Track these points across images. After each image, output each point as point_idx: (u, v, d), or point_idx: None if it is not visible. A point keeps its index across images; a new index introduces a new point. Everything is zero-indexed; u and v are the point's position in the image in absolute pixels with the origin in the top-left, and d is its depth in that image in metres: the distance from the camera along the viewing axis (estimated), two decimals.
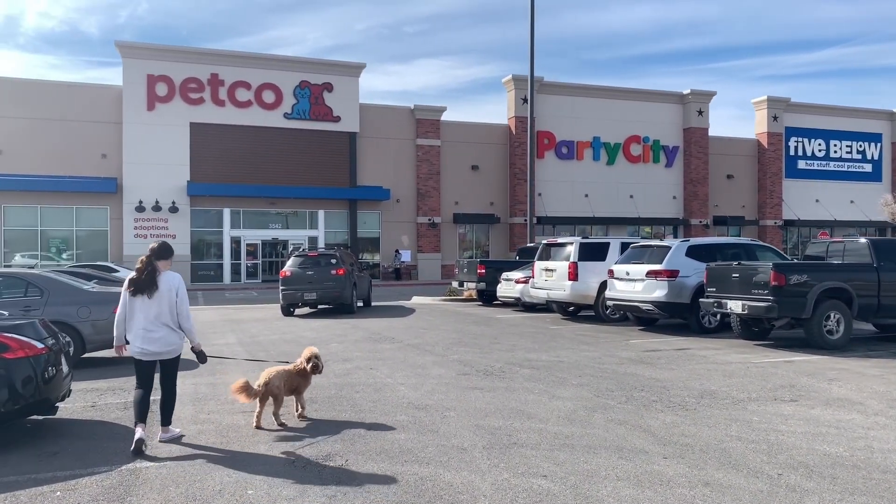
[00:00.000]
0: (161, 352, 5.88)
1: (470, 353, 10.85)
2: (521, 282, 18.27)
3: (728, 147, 44.27)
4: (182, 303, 5.93)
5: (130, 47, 32.61)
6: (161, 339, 5.85)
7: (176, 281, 5.96)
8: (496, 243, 39.21)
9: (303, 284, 18.00)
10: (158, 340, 5.84)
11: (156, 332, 5.83)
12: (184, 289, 6.04)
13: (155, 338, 5.83)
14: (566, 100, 39.65)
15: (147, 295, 5.83)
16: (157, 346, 5.85)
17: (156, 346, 5.84)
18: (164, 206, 32.40)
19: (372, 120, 36.40)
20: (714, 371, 9.07)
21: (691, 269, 13.14)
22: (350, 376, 8.94)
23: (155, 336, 5.83)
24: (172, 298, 5.88)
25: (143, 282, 5.86)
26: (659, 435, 5.89)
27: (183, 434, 6.11)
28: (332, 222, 36.25)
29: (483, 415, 6.68)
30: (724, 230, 43.36)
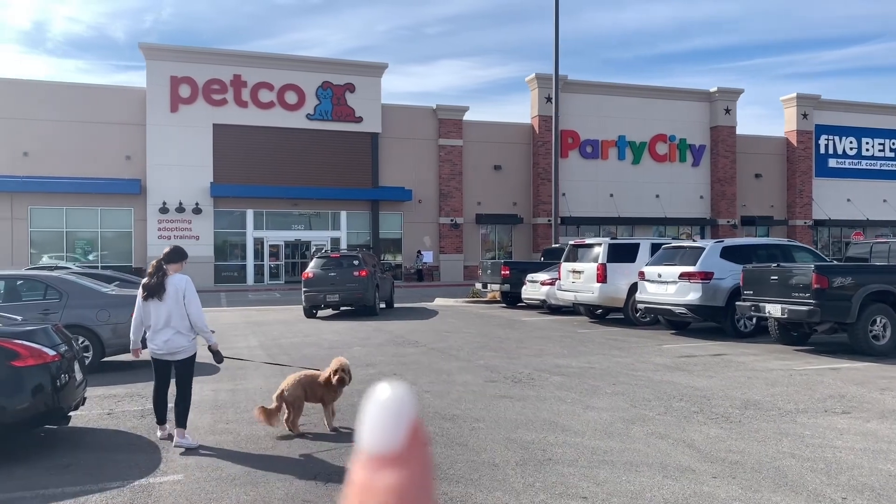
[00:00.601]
0: (171, 353, 6.01)
1: (496, 358, 10.49)
2: (546, 283, 17.85)
3: (756, 146, 43.34)
4: (190, 303, 6.01)
5: (154, 49, 32.71)
6: (169, 342, 5.97)
7: (182, 282, 6.05)
8: (519, 244, 38.75)
9: (325, 286, 17.77)
10: (167, 342, 5.98)
11: (165, 335, 5.98)
12: (191, 290, 6.09)
13: (164, 340, 5.98)
14: (590, 98, 39.07)
15: (157, 298, 5.99)
16: (167, 348, 5.99)
17: (165, 347, 5.99)
18: (188, 207, 32.43)
19: (394, 120, 36.16)
20: (755, 379, 8.61)
21: (726, 270, 12.65)
22: (373, 382, 8.56)
23: (164, 338, 5.98)
24: (180, 300, 5.99)
25: (152, 285, 6.03)
26: (704, 450, 5.49)
27: (200, 445, 5.90)
28: (354, 223, 36.07)
29: (514, 426, 6.32)
30: (752, 230, 42.43)
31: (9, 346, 5.49)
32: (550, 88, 37.06)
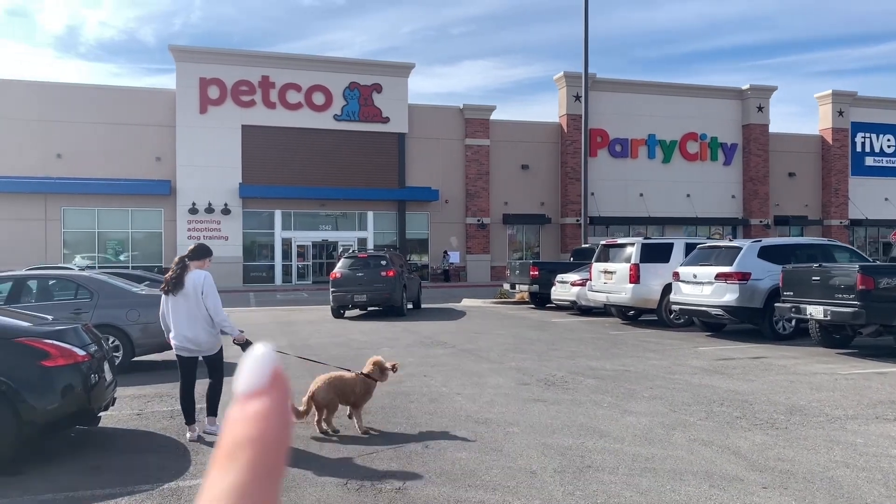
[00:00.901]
0: (195, 349, 6.08)
1: (528, 361, 10.28)
2: (577, 284, 17.57)
3: (790, 144, 42.44)
4: (208, 298, 6.02)
5: (184, 51, 33.02)
6: (193, 338, 6.03)
7: (200, 278, 6.06)
8: (547, 244, 38.40)
9: (353, 286, 17.70)
10: (191, 339, 6.04)
11: (187, 331, 6.02)
12: (209, 285, 6.09)
13: (188, 336, 6.03)
14: (619, 97, 38.58)
15: (174, 294, 6.04)
16: (190, 344, 6.05)
17: (189, 343, 6.04)
18: (217, 208, 32.68)
19: (420, 120, 36.07)
20: (798, 383, 8.30)
21: (764, 271, 12.29)
22: (403, 384, 8.49)
23: (186, 334, 6.03)
24: (199, 296, 6.01)
25: (170, 281, 6.09)
26: (751, 458, 5.24)
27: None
28: (380, 223, 36.05)
29: (550, 431, 6.12)
30: (785, 230, 41.55)
31: (39, 345, 5.45)
32: (578, 87, 36.68)
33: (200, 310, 6.02)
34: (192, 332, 6.01)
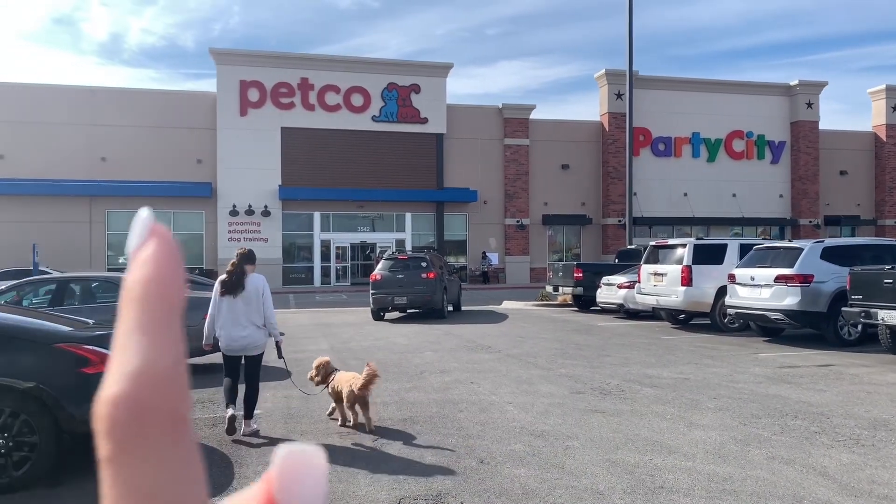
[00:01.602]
0: (246, 347, 6.36)
1: (578, 367, 9.84)
2: (624, 287, 17.01)
3: (840, 141, 40.98)
4: (267, 300, 6.46)
5: (224, 54, 33.27)
6: (247, 337, 6.32)
7: (261, 282, 6.49)
8: (587, 246, 37.71)
9: (393, 288, 17.44)
10: (244, 338, 6.31)
11: (242, 331, 6.31)
12: (268, 289, 6.58)
13: (241, 335, 6.31)
14: (662, 94, 37.69)
15: (233, 295, 6.33)
16: (242, 343, 6.32)
17: (241, 342, 6.32)
18: (257, 210, 32.83)
19: (459, 121, 35.74)
20: (876, 395, 7.71)
21: (828, 273, 11.63)
22: (450, 391, 8.14)
23: (241, 334, 6.30)
24: (259, 298, 6.38)
25: (231, 283, 6.36)
26: (842, 481, 4.75)
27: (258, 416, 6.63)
28: (419, 225, 35.82)
29: (613, 446, 5.70)
30: (836, 231, 40.12)
31: (79, 351, 5.24)
32: (620, 85, 35.95)
33: (258, 311, 6.37)
34: (247, 331, 6.33)
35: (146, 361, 0.31)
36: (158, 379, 0.31)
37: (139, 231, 0.35)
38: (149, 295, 0.32)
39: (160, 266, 0.33)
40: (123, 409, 0.31)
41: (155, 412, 0.31)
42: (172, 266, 0.34)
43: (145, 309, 0.32)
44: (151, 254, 0.33)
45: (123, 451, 0.30)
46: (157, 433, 0.31)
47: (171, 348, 0.32)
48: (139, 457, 0.30)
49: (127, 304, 0.33)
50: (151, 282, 0.33)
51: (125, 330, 0.32)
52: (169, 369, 0.31)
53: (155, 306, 0.32)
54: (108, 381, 0.32)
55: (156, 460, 0.31)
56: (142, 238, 0.34)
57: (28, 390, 4.99)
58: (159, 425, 0.31)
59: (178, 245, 0.34)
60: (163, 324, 0.32)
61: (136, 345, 0.32)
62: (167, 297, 0.33)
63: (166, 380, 0.31)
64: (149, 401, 0.31)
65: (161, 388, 0.31)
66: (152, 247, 0.34)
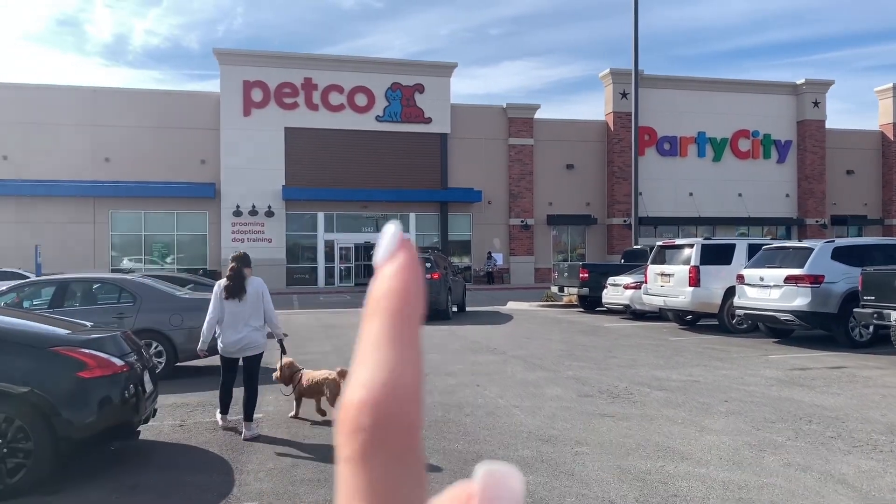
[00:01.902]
0: (245, 348, 6.45)
1: (586, 369, 9.68)
2: (630, 287, 16.84)
3: (847, 140, 40.69)
4: (268, 303, 6.61)
5: (227, 54, 33.17)
6: (246, 338, 6.40)
7: (261, 284, 6.63)
8: (592, 246, 37.51)
9: None
10: (243, 339, 6.40)
11: (241, 332, 6.39)
12: (267, 290, 6.70)
13: (240, 337, 6.39)
14: (667, 93, 37.46)
15: (238, 298, 6.41)
16: (241, 344, 6.41)
17: (241, 344, 6.41)
18: (261, 210, 32.73)
19: (463, 120, 35.58)
20: (891, 398, 7.54)
21: (838, 273, 11.45)
22: (455, 395, 7.99)
23: (240, 335, 6.39)
24: (259, 300, 6.51)
25: (234, 287, 6.45)
26: (862, 489, 4.59)
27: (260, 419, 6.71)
28: (422, 225, 35.67)
29: (623, 452, 5.54)
30: (843, 231, 39.85)
31: (76, 355, 5.11)
32: (625, 84, 35.76)
33: (258, 313, 6.51)
34: (249, 333, 6.44)
35: (391, 373, 0.33)
36: (401, 391, 0.33)
37: (387, 244, 0.36)
38: (394, 308, 0.34)
39: (406, 281, 0.35)
40: (368, 414, 0.33)
41: (396, 421, 0.33)
42: (417, 281, 0.35)
43: (392, 322, 0.34)
44: (398, 268, 0.35)
45: (364, 454, 0.33)
46: (395, 441, 0.33)
47: (414, 362, 0.34)
48: (378, 460, 0.33)
49: (373, 314, 0.34)
50: (398, 295, 0.34)
51: (371, 340, 0.34)
52: (411, 383, 0.34)
53: (400, 320, 0.34)
54: (354, 386, 0.34)
55: (392, 465, 0.33)
56: (389, 251, 0.35)
57: (22, 395, 4.86)
58: (398, 434, 0.33)
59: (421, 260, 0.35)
60: (407, 337, 0.34)
61: (383, 356, 0.34)
62: (412, 311, 0.34)
63: (408, 392, 0.33)
64: (391, 410, 0.33)
65: (403, 400, 0.33)
66: (399, 261, 0.35)
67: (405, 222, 35.38)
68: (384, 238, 0.36)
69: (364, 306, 0.35)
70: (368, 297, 0.35)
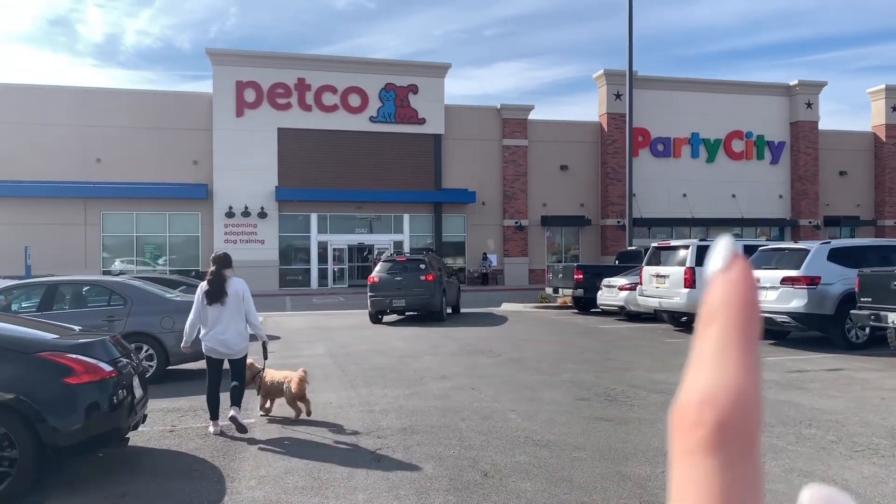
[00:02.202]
0: (227, 352, 6.52)
1: (582, 372, 9.60)
2: (625, 289, 16.78)
3: (840, 141, 40.81)
4: (249, 303, 6.60)
5: (220, 54, 32.99)
6: (230, 341, 6.47)
7: (241, 286, 6.62)
8: (586, 247, 37.48)
9: (391, 291, 17.19)
10: (227, 342, 6.46)
11: (226, 335, 6.45)
12: (248, 292, 6.67)
13: (225, 339, 6.45)
14: (661, 94, 37.48)
15: (220, 302, 6.46)
16: (226, 347, 6.48)
17: (225, 346, 6.47)
18: (253, 211, 32.56)
19: (457, 121, 35.49)
20: (890, 401, 7.48)
21: (835, 275, 11.41)
22: (451, 398, 7.89)
23: (225, 338, 6.45)
24: (240, 302, 6.52)
25: (215, 291, 6.48)
26: (867, 496, 4.51)
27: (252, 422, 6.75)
28: (417, 226, 35.56)
29: (622, 457, 5.45)
30: (836, 231, 39.95)
31: (62, 360, 4.98)
32: (619, 85, 35.74)
33: (240, 314, 6.53)
34: (230, 335, 6.47)
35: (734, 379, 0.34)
36: (744, 397, 0.34)
37: (722, 255, 0.37)
38: (734, 318, 0.35)
39: (744, 292, 0.36)
40: (711, 413, 0.34)
41: (738, 423, 0.34)
42: (754, 292, 0.36)
43: (731, 331, 0.35)
44: (735, 279, 0.36)
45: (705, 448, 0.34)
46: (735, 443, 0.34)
47: (753, 371, 0.35)
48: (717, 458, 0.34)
49: (710, 323, 0.36)
50: (736, 306, 0.35)
51: (710, 348, 0.35)
52: (752, 391, 0.34)
53: (740, 330, 0.35)
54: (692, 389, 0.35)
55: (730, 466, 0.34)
56: (724, 262, 0.37)
57: (7, 402, 4.73)
58: (739, 437, 0.34)
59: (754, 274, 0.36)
60: (748, 347, 0.35)
61: (724, 363, 0.35)
62: (751, 322, 0.35)
63: (750, 399, 0.34)
64: (734, 412, 0.34)
65: (745, 405, 0.34)
66: (735, 272, 0.36)
67: (399, 223, 35.28)
68: (718, 249, 0.37)
69: (699, 315, 0.36)
70: (704, 306, 0.36)
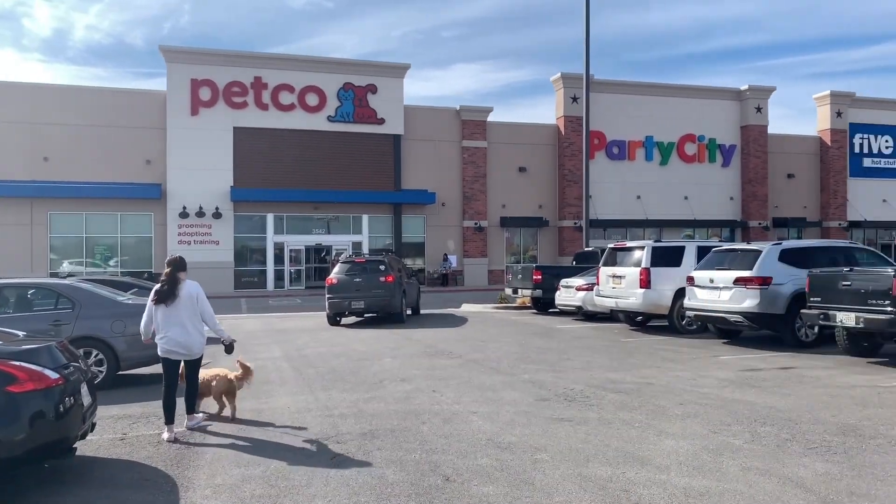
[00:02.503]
0: (185, 354, 6.55)
1: (542, 373, 9.64)
2: (583, 289, 16.95)
3: (788, 145, 42.03)
4: (204, 305, 6.62)
5: (175, 52, 32.24)
6: (185, 343, 6.49)
7: (195, 288, 6.64)
8: (544, 247, 37.80)
9: (350, 292, 17.03)
10: (184, 342, 6.50)
11: (181, 336, 6.47)
12: (203, 294, 6.68)
13: (181, 342, 6.48)
14: (617, 98, 38.04)
15: (166, 303, 6.48)
16: (181, 349, 6.51)
17: (180, 348, 6.50)
18: (208, 211, 31.91)
19: (416, 122, 35.42)
20: (840, 398, 7.68)
21: (786, 275, 11.70)
22: (411, 401, 7.83)
23: (180, 340, 6.48)
24: (193, 305, 6.53)
25: (164, 292, 6.51)
26: (821, 493, 4.60)
27: (209, 423, 6.79)
28: (375, 227, 35.36)
29: (583, 459, 5.47)
30: (784, 232, 41.14)
31: (4, 368, 4.75)
32: (576, 88, 36.18)
33: (194, 317, 6.54)
34: (185, 338, 6.49)
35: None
36: None
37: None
38: None
39: None
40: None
41: None
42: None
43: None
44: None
45: None
46: None
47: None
48: None
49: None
50: None
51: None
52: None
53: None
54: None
55: None
56: None
57: None
58: None
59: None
60: None
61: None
62: None
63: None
64: None
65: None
66: None
67: (358, 224, 35.03)
68: None
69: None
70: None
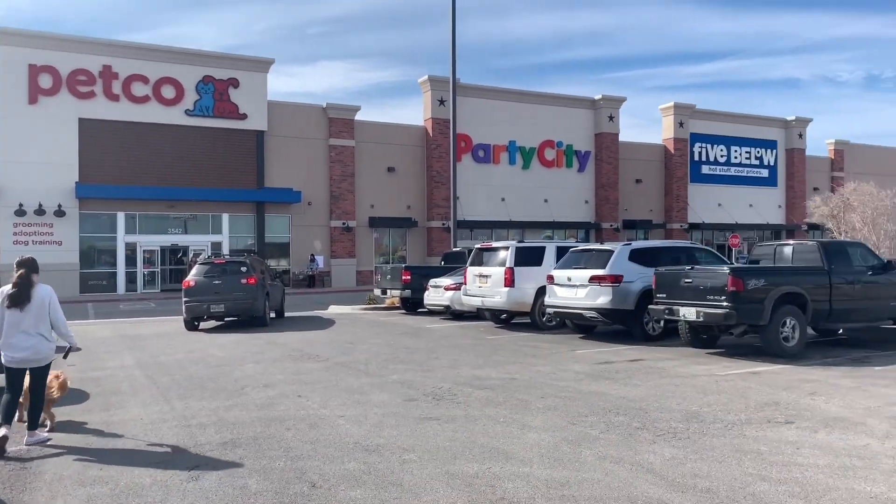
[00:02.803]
0: (28, 359, 6.19)
1: (410, 373, 9.67)
2: (451, 289, 17.22)
3: (637, 152, 45.05)
4: (55, 311, 6.35)
5: (9, 34, 29.30)
6: (30, 348, 6.17)
7: (48, 292, 6.36)
8: (413, 248, 38.08)
9: (209, 295, 16.24)
10: (28, 349, 6.16)
11: (26, 342, 6.16)
12: (55, 299, 6.40)
13: (25, 346, 6.15)
14: (482, 102, 39.06)
15: (20, 307, 6.16)
16: (27, 354, 6.17)
17: (26, 353, 6.17)
18: (49, 209, 29.31)
19: (281, 118, 34.48)
20: (683, 387, 8.30)
21: (635, 273, 12.50)
22: (275, 407, 7.57)
23: (25, 345, 6.15)
24: (45, 309, 6.27)
25: (18, 296, 6.19)
26: (668, 476, 4.93)
27: (50, 438, 6.30)
28: (237, 226, 34.04)
29: (451, 456, 5.52)
30: (633, 234, 44.07)
31: None
32: (442, 91, 36.77)
33: (44, 321, 6.27)
34: (32, 343, 6.19)
35: None
36: None
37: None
38: None
39: None
40: None
41: None
42: None
43: None
44: None
45: None
46: None
47: None
48: None
49: None
50: None
51: None
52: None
53: None
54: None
55: None
56: None
57: None
58: None
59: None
60: None
61: None
62: None
63: None
64: None
65: None
66: None
67: (217, 224, 33.56)
68: None
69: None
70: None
